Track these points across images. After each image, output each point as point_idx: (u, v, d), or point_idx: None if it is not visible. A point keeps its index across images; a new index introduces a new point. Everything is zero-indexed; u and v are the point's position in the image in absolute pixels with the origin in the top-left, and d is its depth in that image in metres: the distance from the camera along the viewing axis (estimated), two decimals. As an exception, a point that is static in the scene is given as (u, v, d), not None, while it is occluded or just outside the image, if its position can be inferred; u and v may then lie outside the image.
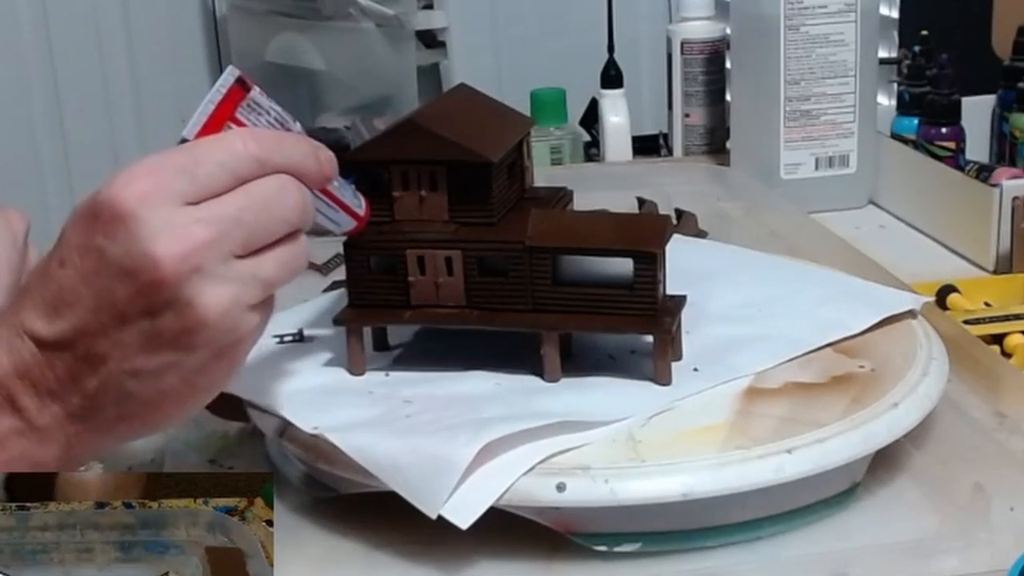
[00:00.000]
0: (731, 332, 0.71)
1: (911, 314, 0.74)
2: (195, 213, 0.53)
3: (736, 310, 0.74)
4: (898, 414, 0.63)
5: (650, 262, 0.64)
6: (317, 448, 0.62)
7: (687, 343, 0.69)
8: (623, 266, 0.65)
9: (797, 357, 0.69)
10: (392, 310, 0.68)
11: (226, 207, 0.54)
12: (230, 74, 0.57)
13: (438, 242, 0.67)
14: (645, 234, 0.65)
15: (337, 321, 0.69)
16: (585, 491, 0.58)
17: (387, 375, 0.69)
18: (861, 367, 0.68)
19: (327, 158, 0.58)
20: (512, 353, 0.67)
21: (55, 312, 0.54)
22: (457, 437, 0.59)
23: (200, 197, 0.54)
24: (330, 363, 0.70)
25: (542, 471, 0.58)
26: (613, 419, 0.62)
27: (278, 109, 0.58)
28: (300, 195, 0.56)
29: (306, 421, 0.63)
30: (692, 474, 0.58)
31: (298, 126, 0.59)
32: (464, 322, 0.67)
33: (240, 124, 0.57)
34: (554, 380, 0.66)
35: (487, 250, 0.66)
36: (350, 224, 0.62)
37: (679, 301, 0.68)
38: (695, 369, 0.67)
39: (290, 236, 0.56)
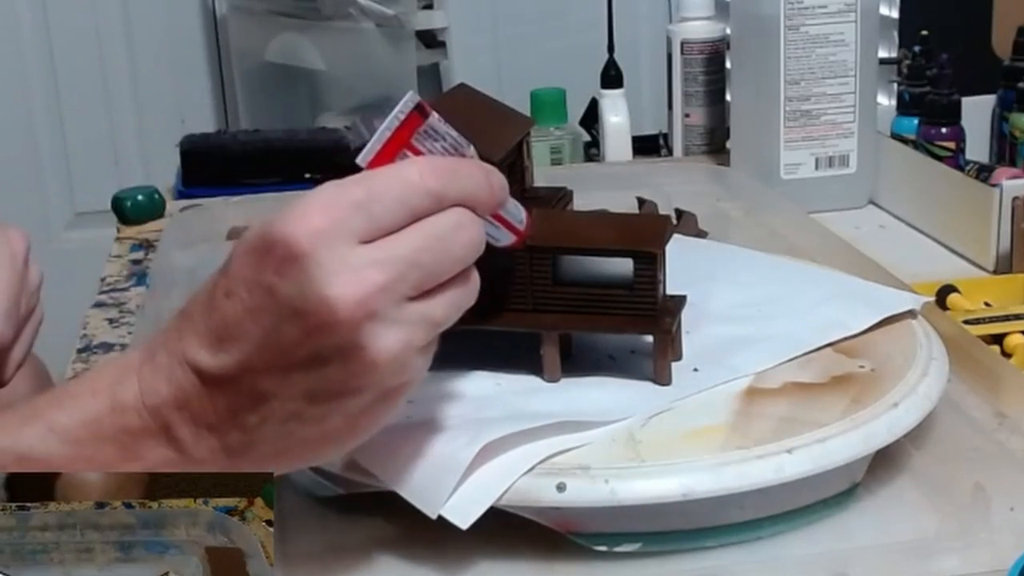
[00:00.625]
0: (731, 332, 0.71)
1: (911, 314, 0.74)
2: (371, 254, 0.51)
3: (735, 310, 0.74)
4: (898, 414, 0.63)
5: (650, 262, 0.64)
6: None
7: (687, 343, 0.69)
8: (623, 266, 0.65)
9: (797, 357, 0.69)
10: None
11: (402, 248, 0.52)
12: (410, 100, 0.55)
13: None
14: (645, 234, 0.65)
15: None
16: (585, 491, 0.58)
17: None
18: (861, 367, 0.68)
19: (499, 184, 0.56)
20: (512, 353, 0.67)
21: (219, 345, 0.52)
22: (458, 437, 0.59)
23: (375, 235, 0.52)
24: None
25: (542, 471, 0.58)
26: (613, 419, 0.62)
27: (454, 134, 0.56)
28: (475, 232, 0.54)
29: None
30: (692, 474, 0.58)
31: (471, 150, 0.57)
32: (463, 323, 0.67)
33: (416, 152, 0.55)
34: (554, 380, 0.66)
35: (488, 249, 0.66)
36: (510, 239, 0.60)
37: (679, 301, 0.68)
38: (695, 369, 0.67)
39: (462, 274, 0.55)
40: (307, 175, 1.28)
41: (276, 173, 1.29)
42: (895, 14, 1.43)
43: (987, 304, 0.95)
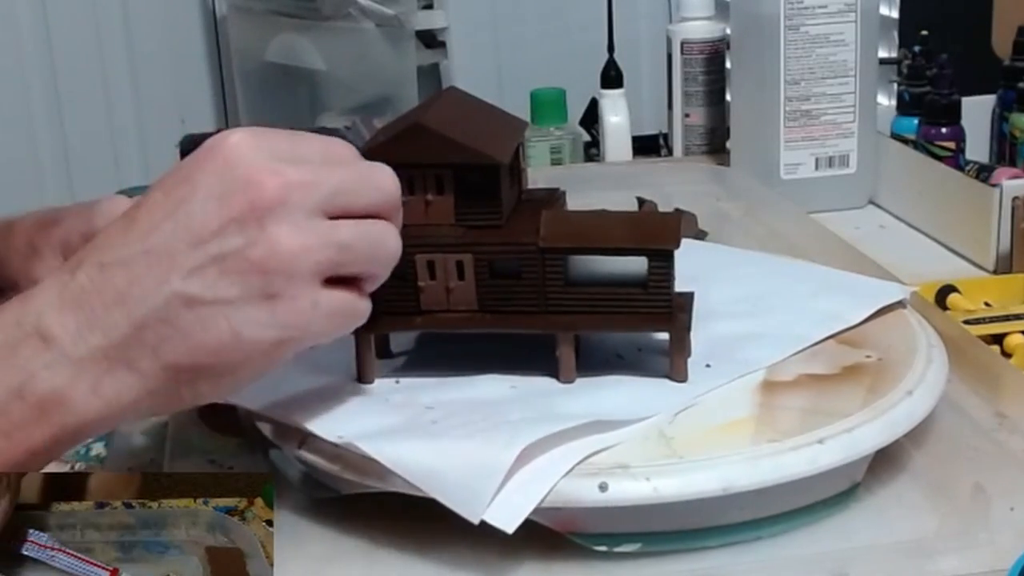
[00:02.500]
0: (734, 328, 0.72)
1: (900, 304, 0.75)
2: (294, 164, 0.55)
3: (732, 306, 0.75)
4: (914, 402, 0.64)
5: (666, 260, 0.64)
6: (340, 455, 0.61)
7: (693, 340, 0.69)
8: (635, 265, 0.65)
9: (804, 350, 0.70)
10: (402, 317, 0.67)
11: (324, 171, 0.56)
12: None
13: (448, 246, 0.66)
14: (659, 232, 0.65)
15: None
16: (628, 490, 0.57)
17: (397, 382, 0.68)
18: (868, 357, 0.69)
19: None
20: (521, 355, 0.67)
21: (124, 237, 0.54)
22: (494, 440, 0.58)
23: (295, 159, 0.55)
24: (334, 372, 0.69)
25: (581, 472, 0.58)
26: (639, 417, 0.62)
27: None
28: (393, 176, 0.59)
29: (330, 431, 0.62)
30: (731, 468, 0.58)
31: None
32: (477, 326, 0.67)
33: None
34: (569, 381, 0.66)
35: (499, 253, 0.66)
36: None
37: (689, 298, 0.68)
38: (707, 365, 0.68)
39: (384, 215, 0.58)
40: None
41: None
42: (895, 14, 1.43)
43: (987, 304, 0.95)
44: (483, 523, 0.57)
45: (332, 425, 0.62)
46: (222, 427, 0.70)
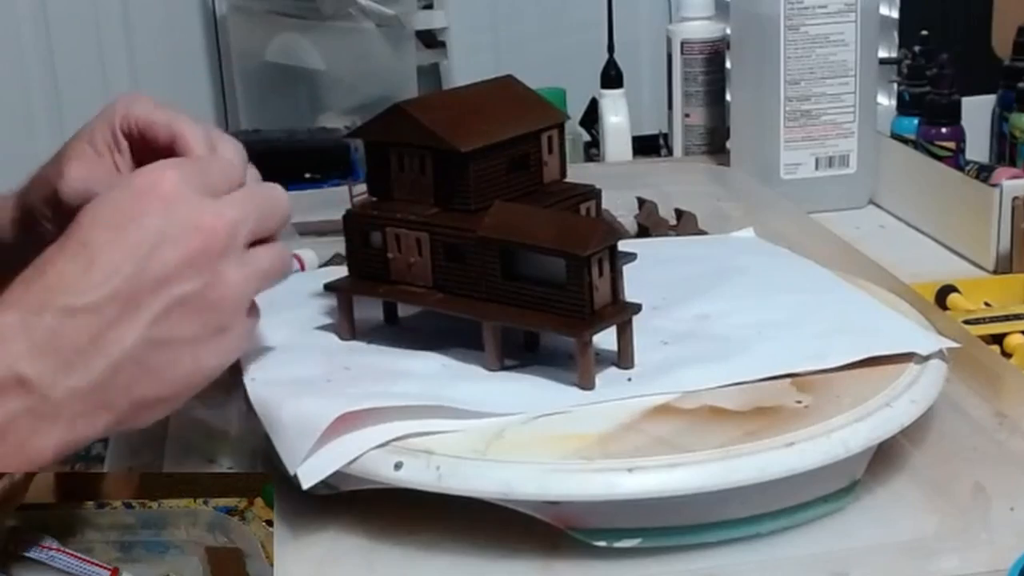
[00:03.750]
0: (704, 348, 0.69)
1: (918, 357, 0.68)
2: (220, 199, 0.61)
3: (738, 329, 0.71)
4: (780, 454, 0.59)
5: (579, 264, 0.64)
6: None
7: (656, 353, 0.68)
8: (562, 266, 0.65)
9: (747, 383, 0.65)
10: (373, 283, 0.72)
11: (241, 198, 0.62)
12: None
13: (411, 223, 0.70)
14: (580, 235, 0.65)
15: (328, 286, 0.73)
16: (416, 473, 0.59)
17: (368, 343, 0.72)
18: (799, 402, 0.63)
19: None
20: (475, 338, 0.68)
21: (87, 280, 0.57)
22: (334, 403, 0.61)
23: (213, 194, 0.61)
24: (326, 327, 0.74)
25: (393, 449, 0.60)
26: (500, 412, 0.63)
27: None
28: (286, 196, 0.65)
29: (252, 370, 0.67)
30: (513, 475, 0.58)
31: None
32: (427, 303, 0.70)
33: None
34: (493, 369, 0.67)
35: (450, 236, 0.69)
36: None
37: (626, 308, 0.67)
38: (629, 379, 0.66)
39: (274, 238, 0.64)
40: (307, 175, 1.28)
41: (276, 173, 1.29)
42: (895, 14, 1.43)
43: (987, 304, 0.95)
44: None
45: (262, 366, 0.68)
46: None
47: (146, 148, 0.70)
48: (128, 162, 0.72)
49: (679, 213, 1.04)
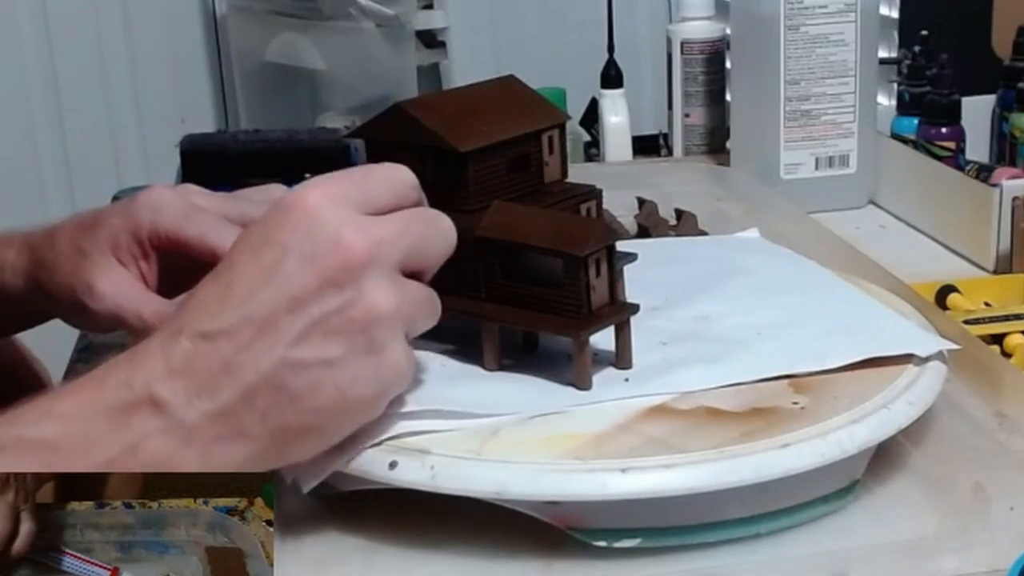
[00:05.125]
0: (704, 349, 0.69)
1: (917, 358, 0.67)
2: (371, 217, 0.57)
3: (739, 330, 0.71)
4: (776, 455, 0.59)
5: (576, 264, 0.64)
6: None
7: (655, 353, 0.68)
8: (560, 266, 0.65)
9: (745, 383, 0.65)
10: None
11: (398, 218, 0.58)
12: None
13: None
14: (578, 235, 0.65)
15: None
16: (409, 472, 0.58)
17: None
18: (795, 403, 0.63)
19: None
20: (476, 339, 0.68)
21: (222, 304, 0.55)
22: None
23: (371, 211, 0.57)
24: None
25: (389, 448, 0.59)
26: (496, 413, 0.62)
27: None
28: (451, 223, 0.60)
29: None
30: (509, 475, 0.58)
31: None
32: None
33: None
34: (491, 369, 0.67)
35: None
36: None
37: (624, 309, 0.66)
38: (626, 379, 0.66)
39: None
40: (307, 175, 1.27)
41: (276, 173, 1.29)
42: (895, 14, 1.43)
43: (987, 304, 0.95)
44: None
45: None
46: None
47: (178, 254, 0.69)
48: (155, 269, 0.71)
49: (679, 213, 1.04)
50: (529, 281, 0.66)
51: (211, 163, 1.31)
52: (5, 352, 0.91)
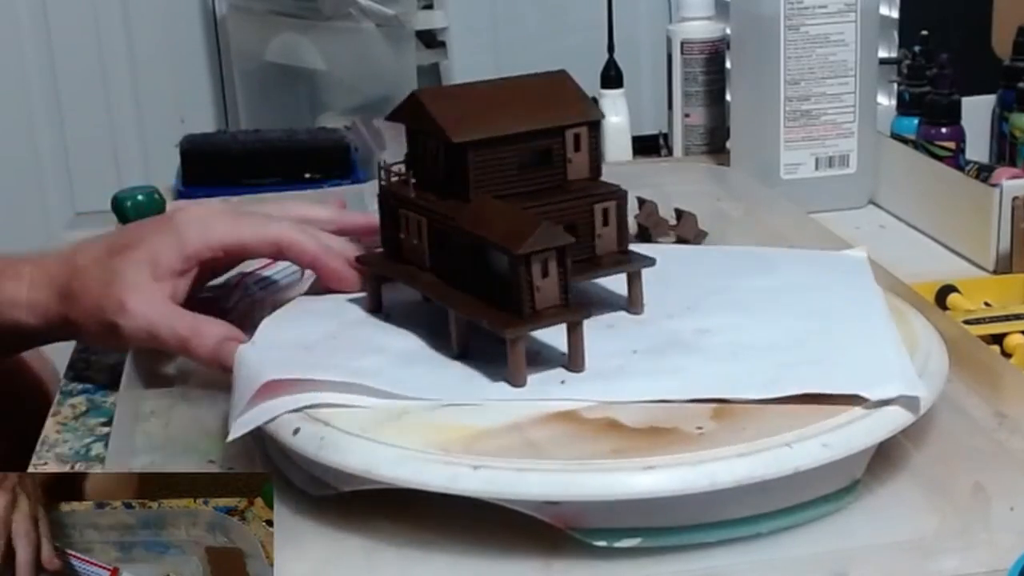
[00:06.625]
0: (661, 361, 0.68)
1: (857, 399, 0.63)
2: None
3: (719, 348, 0.69)
4: (629, 478, 0.57)
5: (516, 261, 0.65)
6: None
7: (619, 360, 0.68)
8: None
9: (673, 401, 0.63)
10: (389, 262, 0.76)
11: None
12: None
13: (418, 207, 0.73)
14: (521, 233, 0.65)
15: (359, 259, 0.77)
16: (306, 441, 0.62)
17: (378, 319, 0.75)
18: (699, 428, 0.61)
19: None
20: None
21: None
22: (276, 370, 0.66)
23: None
24: (359, 300, 0.77)
25: (304, 416, 0.63)
26: (415, 396, 0.65)
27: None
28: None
29: (263, 330, 0.72)
30: (374, 455, 0.60)
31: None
32: (416, 284, 0.73)
33: None
34: (454, 355, 0.69)
35: (439, 224, 0.71)
36: None
37: (575, 312, 0.66)
38: (563, 381, 0.66)
39: None
40: (307, 175, 1.28)
41: (276, 173, 1.29)
42: (895, 14, 1.43)
43: (987, 304, 0.95)
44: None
45: (274, 330, 0.73)
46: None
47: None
48: (189, 285, 0.75)
49: (679, 213, 1.03)
50: (493, 275, 0.67)
51: (211, 163, 1.31)
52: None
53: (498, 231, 0.66)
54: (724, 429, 0.61)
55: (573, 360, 0.67)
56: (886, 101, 1.34)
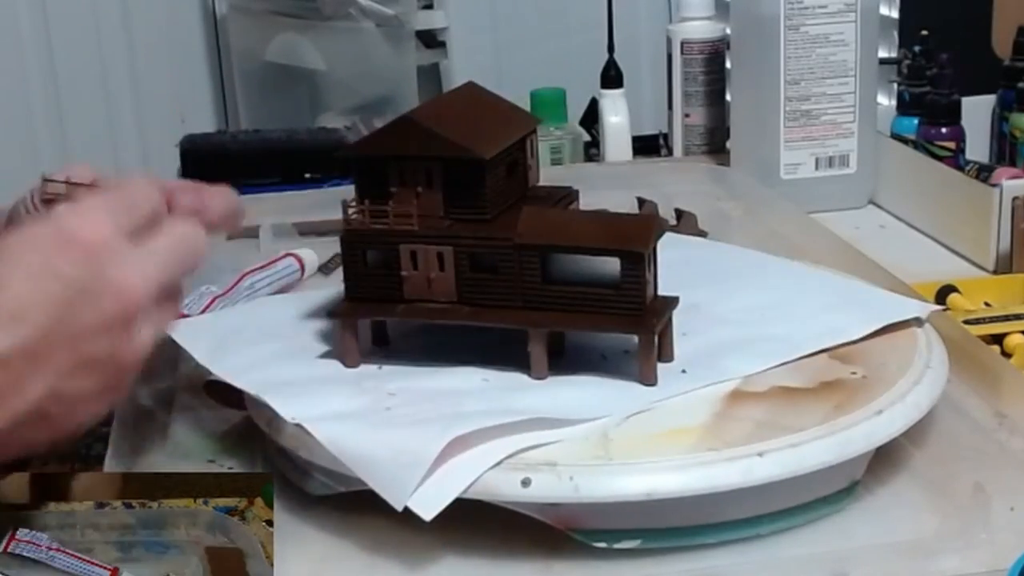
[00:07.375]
0: (727, 335, 0.71)
1: (917, 321, 0.73)
2: (142, 253, 0.58)
3: (738, 313, 0.74)
4: (880, 421, 0.62)
5: (637, 262, 0.64)
6: (301, 440, 0.63)
7: (684, 344, 0.69)
8: (612, 266, 0.65)
9: (789, 362, 0.68)
10: (386, 304, 0.69)
11: (165, 250, 0.59)
12: None
13: (430, 238, 0.68)
14: (633, 234, 0.65)
15: (332, 314, 0.70)
16: (549, 487, 0.58)
17: (380, 368, 0.70)
18: (853, 373, 0.67)
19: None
20: (504, 349, 0.68)
21: (9, 325, 0.54)
22: (429, 430, 0.59)
23: (138, 234, 0.58)
24: (326, 355, 0.71)
25: (509, 466, 0.59)
26: (590, 417, 0.62)
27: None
28: (204, 240, 0.62)
29: (289, 410, 0.64)
30: (657, 474, 0.58)
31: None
32: (454, 318, 0.68)
33: None
34: (541, 377, 0.67)
35: (478, 247, 0.67)
36: None
37: (670, 302, 0.68)
38: (683, 371, 0.67)
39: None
40: (307, 175, 1.28)
41: (276, 173, 1.30)
42: (895, 14, 1.43)
43: (987, 304, 0.95)
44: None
45: (295, 405, 0.65)
46: (228, 401, 0.72)
47: None
48: None
49: (679, 213, 1.04)
50: (573, 284, 0.66)
51: (211, 163, 1.32)
52: None
53: (598, 236, 0.65)
54: (870, 369, 0.67)
55: (665, 350, 0.68)
56: (886, 101, 1.34)
